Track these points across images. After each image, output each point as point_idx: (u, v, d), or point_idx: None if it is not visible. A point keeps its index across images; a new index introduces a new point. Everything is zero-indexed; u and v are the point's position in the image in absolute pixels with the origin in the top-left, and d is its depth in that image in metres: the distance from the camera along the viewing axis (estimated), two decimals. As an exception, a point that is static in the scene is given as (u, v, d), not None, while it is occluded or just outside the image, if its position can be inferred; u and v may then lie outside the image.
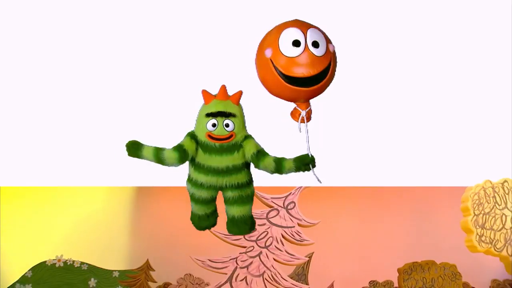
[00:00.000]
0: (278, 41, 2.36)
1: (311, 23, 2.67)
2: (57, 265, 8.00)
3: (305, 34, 2.35)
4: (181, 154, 2.52)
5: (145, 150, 2.58)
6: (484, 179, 5.91)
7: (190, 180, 2.65)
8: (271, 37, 2.46)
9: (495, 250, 5.54)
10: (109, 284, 7.97)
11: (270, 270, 5.61)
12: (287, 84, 2.36)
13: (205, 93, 2.58)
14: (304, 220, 5.88)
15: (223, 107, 2.49)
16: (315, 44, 2.35)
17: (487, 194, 5.82)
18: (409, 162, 7.49)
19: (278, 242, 5.74)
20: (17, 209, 8.51)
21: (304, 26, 2.43)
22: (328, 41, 2.47)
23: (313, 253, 7.49)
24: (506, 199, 5.82)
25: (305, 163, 2.48)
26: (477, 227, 5.62)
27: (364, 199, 7.64)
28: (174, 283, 8.15)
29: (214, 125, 2.45)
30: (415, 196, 8.93)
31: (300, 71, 2.31)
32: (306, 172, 2.55)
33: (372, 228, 8.57)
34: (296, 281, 7.18)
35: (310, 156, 2.51)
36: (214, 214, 2.76)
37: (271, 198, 6.03)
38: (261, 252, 5.68)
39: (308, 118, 2.54)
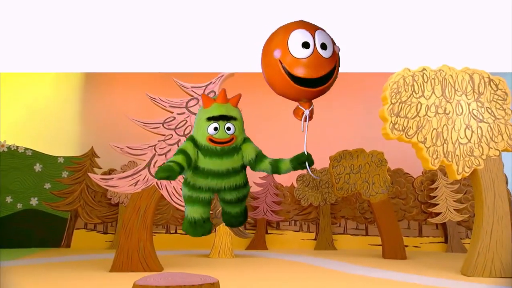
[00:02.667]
0: (287, 43, 2.41)
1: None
2: (0, 150, 8.24)
3: (313, 36, 2.40)
4: (185, 156, 2.52)
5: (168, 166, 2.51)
6: (404, 67, 5.85)
7: (187, 184, 2.64)
8: (279, 38, 2.48)
9: (406, 137, 5.69)
10: (54, 169, 8.30)
11: (188, 157, 5.79)
12: (295, 85, 2.43)
13: (204, 97, 2.59)
14: (224, 109, 5.91)
15: (225, 110, 2.51)
16: (324, 46, 2.41)
17: (406, 83, 5.81)
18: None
19: (196, 130, 5.85)
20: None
21: (311, 27, 2.46)
22: (333, 42, 2.52)
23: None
24: (424, 87, 5.84)
25: (301, 161, 2.54)
26: (392, 115, 5.71)
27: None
28: (118, 169, 8.50)
29: (215, 128, 2.48)
30: (355, 83, 8.95)
31: (309, 73, 2.39)
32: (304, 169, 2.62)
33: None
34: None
35: (306, 154, 2.54)
36: (209, 221, 2.77)
37: (191, 87, 6.00)
38: (179, 140, 5.81)
39: (310, 117, 2.60)
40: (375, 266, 6.40)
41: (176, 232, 8.73)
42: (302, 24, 2.48)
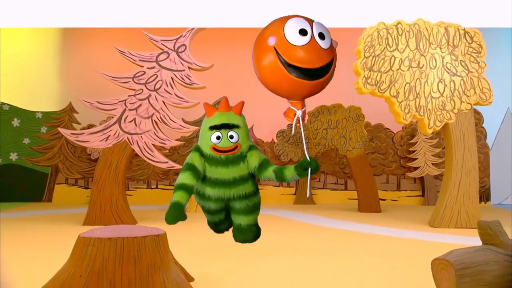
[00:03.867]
0: (284, 29, 2.25)
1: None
2: (-24, 106, 8.16)
3: (311, 25, 2.26)
4: (193, 172, 2.49)
5: (178, 196, 2.47)
6: (378, 21, 5.73)
7: (197, 193, 2.65)
8: (274, 26, 2.32)
9: (378, 91, 5.65)
10: (33, 124, 8.26)
11: (159, 112, 5.76)
12: (290, 75, 2.25)
13: (207, 106, 2.53)
14: (195, 64, 5.83)
15: (226, 119, 2.48)
16: (322, 36, 2.27)
17: (380, 36, 5.71)
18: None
19: (167, 85, 5.78)
20: None
21: (308, 19, 2.32)
22: (331, 37, 2.37)
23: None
24: (398, 40, 5.74)
25: (304, 167, 2.44)
26: (365, 69, 5.64)
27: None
28: (97, 124, 8.45)
29: (218, 137, 2.46)
30: (333, 38, 8.79)
31: (306, 61, 2.23)
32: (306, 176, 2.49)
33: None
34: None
35: (308, 160, 2.44)
36: (228, 218, 2.75)
37: (161, 40, 5.89)
38: (150, 95, 5.76)
39: (303, 119, 2.48)
40: (349, 219, 6.53)
41: (157, 187, 8.82)
42: (299, 16, 2.36)
